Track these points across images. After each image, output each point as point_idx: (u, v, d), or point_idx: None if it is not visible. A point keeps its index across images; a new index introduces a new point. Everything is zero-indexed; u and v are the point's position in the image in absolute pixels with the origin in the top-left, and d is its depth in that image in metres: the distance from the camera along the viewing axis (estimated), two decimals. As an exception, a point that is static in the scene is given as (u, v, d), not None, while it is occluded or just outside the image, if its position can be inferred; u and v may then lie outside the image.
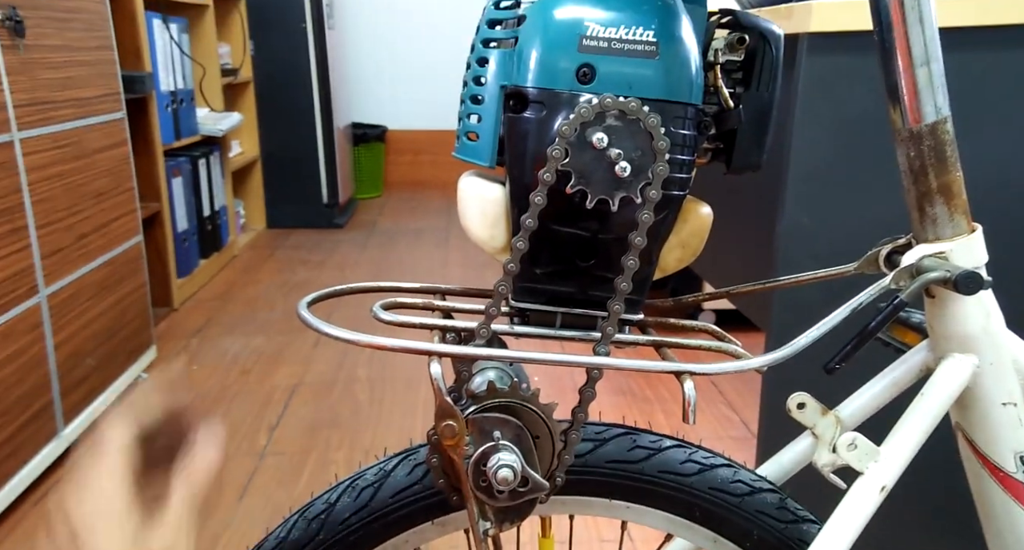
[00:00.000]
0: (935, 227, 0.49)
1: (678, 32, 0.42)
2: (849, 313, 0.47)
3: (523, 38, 0.43)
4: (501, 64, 0.45)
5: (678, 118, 0.43)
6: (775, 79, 0.46)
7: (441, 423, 0.44)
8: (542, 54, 0.42)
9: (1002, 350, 0.50)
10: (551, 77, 0.42)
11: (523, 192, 0.44)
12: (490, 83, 0.45)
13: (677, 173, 0.43)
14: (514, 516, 0.48)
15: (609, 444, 0.58)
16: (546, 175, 0.42)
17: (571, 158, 0.41)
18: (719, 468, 0.56)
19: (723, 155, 0.48)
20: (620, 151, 0.41)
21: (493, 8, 0.46)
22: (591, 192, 0.42)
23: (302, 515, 0.55)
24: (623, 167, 0.41)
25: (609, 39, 0.42)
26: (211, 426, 0.44)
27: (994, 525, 0.54)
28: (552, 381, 1.88)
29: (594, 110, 0.41)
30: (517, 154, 0.44)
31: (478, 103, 0.46)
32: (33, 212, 1.54)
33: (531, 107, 0.43)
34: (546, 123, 0.42)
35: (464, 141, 0.47)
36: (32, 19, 1.58)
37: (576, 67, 0.42)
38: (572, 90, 0.42)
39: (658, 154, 0.42)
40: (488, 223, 0.47)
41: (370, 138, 4.27)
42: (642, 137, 0.41)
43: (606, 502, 0.59)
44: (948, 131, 0.47)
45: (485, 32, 0.46)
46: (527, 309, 0.48)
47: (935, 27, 0.45)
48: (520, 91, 0.43)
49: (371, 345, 0.42)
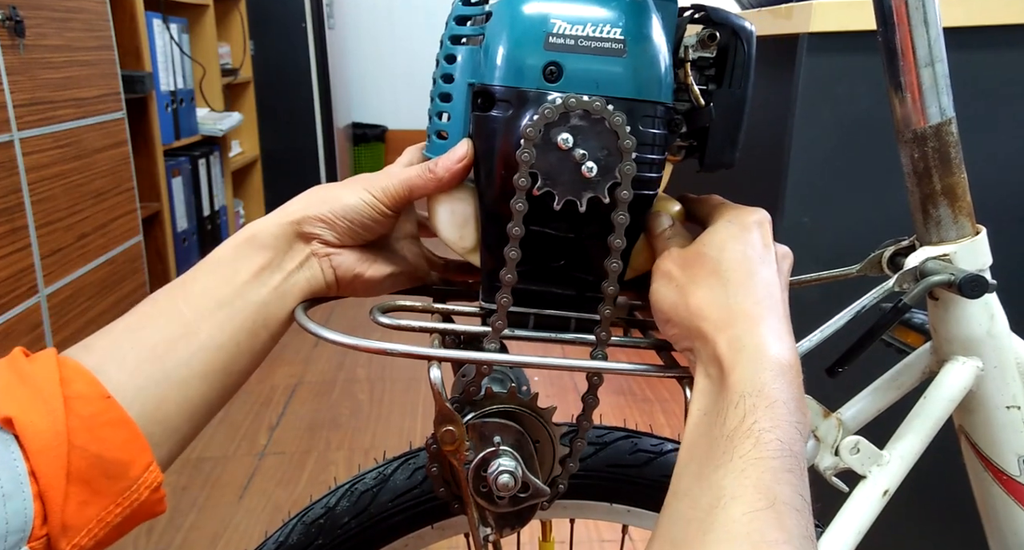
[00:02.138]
0: (939, 229, 0.48)
1: (646, 30, 0.42)
2: (852, 316, 0.47)
3: (489, 35, 0.42)
4: (469, 61, 0.44)
5: (647, 117, 0.42)
6: (747, 76, 0.45)
7: (441, 428, 0.43)
8: (508, 52, 0.41)
9: (1006, 353, 0.50)
10: (517, 75, 0.41)
11: (491, 192, 0.43)
12: (458, 81, 0.44)
13: (646, 172, 0.42)
14: (515, 522, 0.48)
15: (610, 448, 0.57)
16: (521, 180, 0.41)
17: (537, 159, 0.41)
18: (721, 471, 0.55)
19: (696, 153, 0.47)
20: (585, 151, 0.41)
21: (461, 4, 0.45)
22: (558, 193, 0.41)
23: (301, 519, 0.55)
24: (589, 167, 0.41)
25: (576, 37, 0.41)
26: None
27: (996, 528, 0.53)
28: (552, 385, 1.88)
29: (558, 110, 0.40)
30: (484, 153, 0.43)
31: (447, 101, 0.45)
32: (33, 212, 1.53)
33: (498, 106, 0.42)
34: (513, 122, 0.41)
35: (434, 140, 0.46)
36: (32, 19, 1.58)
37: (542, 65, 0.41)
38: (539, 88, 0.41)
39: (624, 153, 0.41)
40: (457, 223, 0.46)
41: (370, 138, 4.27)
42: (608, 136, 0.41)
43: (607, 506, 0.58)
44: (953, 132, 0.47)
45: (453, 28, 0.45)
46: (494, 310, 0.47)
47: (940, 28, 0.45)
48: (487, 89, 0.42)
49: (371, 350, 0.42)
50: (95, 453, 0.36)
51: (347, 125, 4.03)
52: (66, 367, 0.37)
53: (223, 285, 0.43)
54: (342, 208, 0.45)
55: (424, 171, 0.45)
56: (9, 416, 0.34)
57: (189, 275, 0.44)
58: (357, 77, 4.37)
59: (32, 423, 0.34)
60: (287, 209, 0.45)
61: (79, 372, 0.37)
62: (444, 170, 0.44)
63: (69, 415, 0.35)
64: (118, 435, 0.37)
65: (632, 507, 0.58)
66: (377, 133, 4.30)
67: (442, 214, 0.46)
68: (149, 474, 0.38)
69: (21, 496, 0.33)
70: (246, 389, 1.91)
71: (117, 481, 0.37)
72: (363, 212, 0.45)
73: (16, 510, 0.33)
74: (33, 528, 0.34)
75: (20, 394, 0.35)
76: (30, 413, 0.34)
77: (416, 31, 4.38)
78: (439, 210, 0.46)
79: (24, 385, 0.35)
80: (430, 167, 0.45)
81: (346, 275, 0.46)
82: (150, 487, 0.38)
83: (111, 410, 0.37)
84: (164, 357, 0.40)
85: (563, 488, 0.49)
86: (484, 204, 0.44)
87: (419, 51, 4.40)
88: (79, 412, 0.36)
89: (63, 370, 0.36)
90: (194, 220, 2.68)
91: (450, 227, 0.46)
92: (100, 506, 0.36)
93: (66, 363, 0.37)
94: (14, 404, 0.34)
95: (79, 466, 0.35)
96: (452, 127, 0.45)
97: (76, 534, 0.35)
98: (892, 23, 0.45)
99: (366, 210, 0.45)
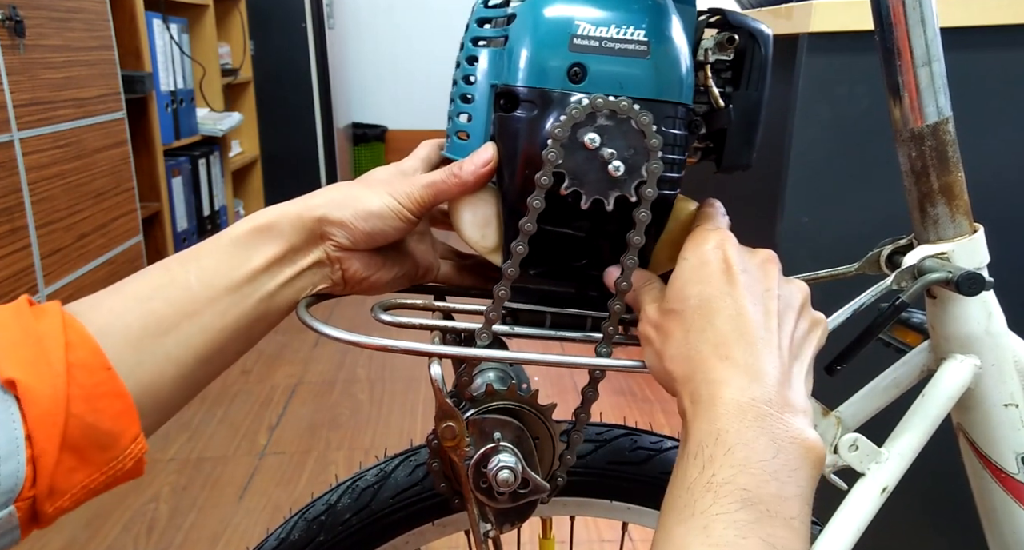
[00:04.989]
0: (936, 228, 0.49)
1: (669, 31, 0.42)
2: (850, 315, 0.47)
3: (513, 37, 0.43)
4: (491, 63, 0.44)
5: (669, 118, 0.42)
6: (764, 79, 0.46)
7: (441, 425, 0.44)
8: (532, 53, 0.42)
9: (1004, 351, 0.50)
10: (542, 76, 0.42)
11: (514, 192, 0.43)
12: (480, 82, 0.45)
13: (669, 172, 0.43)
14: (515, 518, 0.48)
15: (610, 445, 0.58)
16: (543, 178, 0.41)
17: (564, 159, 0.41)
18: (720, 469, 0.56)
19: (713, 154, 0.48)
20: (613, 151, 0.41)
21: (482, 6, 0.46)
22: (586, 193, 0.42)
23: (302, 516, 0.55)
24: (616, 166, 0.41)
25: (600, 38, 0.41)
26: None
27: (995, 526, 0.53)
28: (552, 381, 1.88)
29: (585, 110, 0.40)
30: (508, 154, 0.43)
31: (468, 102, 0.45)
32: (33, 212, 1.54)
33: (522, 106, 0.42)
34: (537, 123, 0.42)
35: (454, 140, 0.47)
36: (32, 19, 1.58)
37: (567, 66, 0.41)
38: (563, 89, 0.42)
39: (651, 152, 0.41)
40: (479, 223, 0.46)
41: (370, 138, 4.27)
42: (634, 136, 0.41)
43: (607, 503, 0.59)
44: (950, 131, 0.47)
45: (474, 30, 0.45)
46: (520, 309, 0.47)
47: (937, 27, 0.45)
48: (510, 90, 0.43)
49: (371, 346, 0.42)
50: (90, 423, 0.36)
51: (347, 125, 4.04)
52: (71, 330, 0.37)
53: (235, 269, 0.43)
54: (366, 214, 0.44)
55: (449, 175, 0.45)
56: (12, 378, 0.34)
57: (204, 248, 0.43)
58: (357, 77, 4.37)
59: (34, 388, 0.34)
60: (309, 203, 0.44)
61: (83, 338, 0.37)
62: (470, 174, 0.44)
63: (70, 383, 0.35)
64: (113, 406, 0.37)
65: (632, 504, 0.59)
66: (377, 133, 4.31)
67: (465, 215, 0.46)
68: (135, 445, 0.38)
69: (16, 459, 0.34)
70: (246, 389, 1.91)
71: (106, 451, 0.37)
72: (387, 219, 0.44)
73: (9, 472, 0.34)
74: (22, 490, 0.34)
75: (25, 355, 0.35)
76: (33, 377, 0.34)
77: (416, 31, 4.39)
78: (462, 211, 0.46)
79: (29, 345, 0.35)
80: (455, 171, 0.44)
81: (354, 278, 0.46)
82: (135, 457, 0.38)
83: (110, 381, 0.37)
84: (167, 334, 0.40)
85: (562, 482, 0.49)
86: (507, 204, 0.45)
87: (419, 51, 4.40)
88: (80, 381, 0.36)
89: (68, 333, 0.37)
90: (194, 220, 2.68)
91: (472, 227, 0.46)
92: (86, 473, 0.37)
93: (72, 326, 0.37)
94: (18, 366, 0.35)
95: (74, 435, 0.35)
96: (474, 128, 0.45)
97: (60, 498, 0.36)
98: (889, 23, 0.45)
99: (390, 217, 0.44)
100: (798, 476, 0.35)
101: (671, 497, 0.36)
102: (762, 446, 0.35)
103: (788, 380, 0.38)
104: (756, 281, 0.40)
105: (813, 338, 0.42)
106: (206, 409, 1.81)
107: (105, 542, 1.34)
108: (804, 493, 0.35)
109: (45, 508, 0.36)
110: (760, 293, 0.40)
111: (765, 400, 0.36)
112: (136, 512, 1.43)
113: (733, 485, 0.34)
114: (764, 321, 0.39)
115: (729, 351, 0.38)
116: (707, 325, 0.39)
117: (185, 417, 1.76)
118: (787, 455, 0.35)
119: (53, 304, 0.38)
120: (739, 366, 0.37)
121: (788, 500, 0.34)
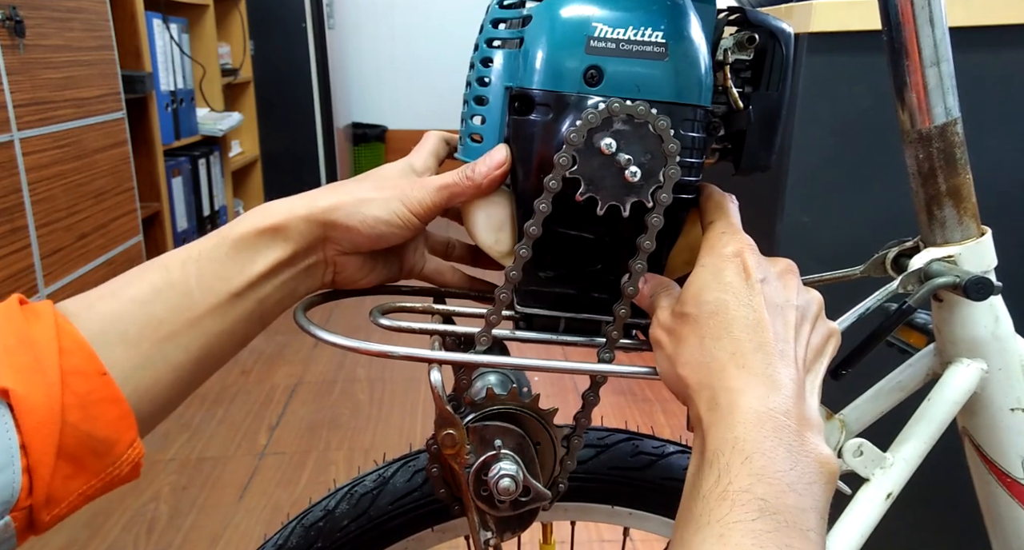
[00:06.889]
0: (944, 230, 0.48)
1: (687, 32, 0.41)
2: (856, 319, 0.47)
3: (529, 39, 0.42)
4: (506, 65, 0.43)
5: (687, 120, 0.42)
6: (785, 79, 0.45)
7: (441, 432, 0.43)
8: (548, 55, 0.41)
9: (1011, 355, 0.49)
10: (557, 79, 0.41)
11: (528, 195, 0.43)
12: (494, 84, 0.44)
13: (687, 176, 0.42)
14: (516, 526, 0.47)
15: (612, 450, 0.57)
16: (551, 182, 0.40)
17: (579, 164, 0.40)
18: (723, 474, 0.55)
19: (731, 156, 0.47)
20: (630, 156, 0.40)
21: (497, 7, 0.45)
22: (601, 199, 0.41)
23: (300, 522, 0.55)
24: (633, 172, 0.40)
25: (617, 40, 0.40)
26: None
27: (1000, 530, 0.53)
28: (553, 384, 1.87)
29: (601, 115, 0.39)
30: (522, 157, 0.43)
31: (482, 104, 0.44)
32: (33, 212, 1.53)
33: (537, 109, 0.41)
34: (552, 126, 0.41)
35: (468, 142, 0.46)
36: (32, 19, 1.57)
37: (583, 69, 0.40)
38: (579, 92, 0.41)
39: (669, 157, 0.40)
40: (492, 227, 0.45)
41: (370, 138, 4.26)
42: (652, 141, 0.40)
43: (608, 508, 0.58)
44: (958, 133, 0.46)
45: (489, 31, 0.45)
46: (531, 314, 0.47)
47: (945, 27, 0.44)
48: (525, 93, 0.42)
49: (371, 352, 0.42)
50: (86, 431, 0.36)
51: (347, 125, 4.03)
52: (65, 335, 0.36)
53: (238, 274, 0.42)
54: (374, 221, 0.43)
55: (462, 178, 0.44)
56: (6, 387, 0.34)
57: (206, 248, 0.42)
58: (357, 77, 4.37)
59: (28, 397, 0.34)
60: (316, 203, 0.43)
61: (77, 343, 0.36)
62: (483, 176, 0.43)
63: (65, 391, 0.35)
64: (109, 413, 0.37)
65: (633, 509, 0.58)
66: (377, 133, 4.30)
67: (478, 218, 0.45)
68: (132, 450, 0.38)
69: (11, 469, 0.33)
70: (246, 389, 1.91)
71: (102, 458, 0.37)
72: (395, 226, 0.43)
73: (4, 483, 0.33)
74: (18, 500, 0.34)
75: (19, 362, 0.34)
76: (26, 386, 0.34)
77: (416, 31, 4.38)
78: (475, 214, 0.45)
79: (22, 352, 0.35)
80: (468, 174, 0.44)
81: (346, 279, 0.46)
82: (131, 462, 0.38)
83: (106, 387, 0.37)
84: (165, 339, 0.40)
85: (563, 488, 0.49)
86: (522, 207, 0.44)
87: (419, 51, 4.40)
88: (75, 389, 0.35)
89: (62, 339, 0.36)
90: (194, 220, 2.68)
91: (486, 231, 0.45)
92: (83, 480, 0.36)
93: (65, 330, 0.37)
94: (12, 373, 0.34)
95: (69, 443, 0.35)
96: (487, 130, 0.44)
97: (57, 506, 0.36)
98: (897, 22, 0.45)
99: (397, 225, 0.43)
100: (813, 490, 0.35)
101: (686, 505, 0.36)
102: (780, 457, 0.34)
103: (803, 393, 0.37)
104: (776, 291, 0.40)
105: (827, 351, 0.41)
106: (206, 409, 1.80)
107: (105, 542, 1.34)
108: (819, 507, 0.35)
109: (42, 516, 0.35)
110: (779, 304, 0.39)
111: (783, 411, 0.36)
112: (136, 512, 1.42)
113: (751, 494, 0.33)
114: (783, 332, 0.38)
115: (746, 360, 0.37)
116: (724, 333, 0.38)
117: (185, 417, 1.76)
118: (803, 468, 0.35)
119: (45, 304, 0.38)
120: (757, 376, 0.37)
121: (805, 512, 0.34)
